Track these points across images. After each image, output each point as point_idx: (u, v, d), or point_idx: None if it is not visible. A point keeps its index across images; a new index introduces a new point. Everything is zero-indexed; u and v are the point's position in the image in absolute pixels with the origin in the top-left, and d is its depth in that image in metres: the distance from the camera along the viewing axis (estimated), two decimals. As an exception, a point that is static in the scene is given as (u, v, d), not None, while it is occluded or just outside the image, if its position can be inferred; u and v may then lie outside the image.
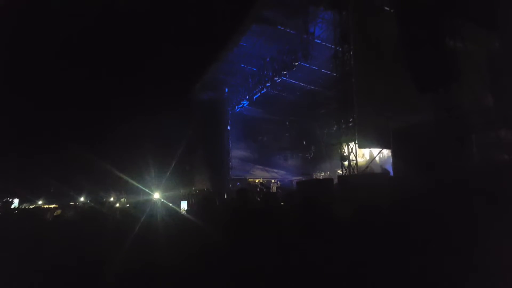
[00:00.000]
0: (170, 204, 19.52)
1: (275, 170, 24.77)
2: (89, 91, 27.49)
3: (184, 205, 20.07)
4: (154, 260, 6.15)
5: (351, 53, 13.19)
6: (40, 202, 27.31)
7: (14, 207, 23.27)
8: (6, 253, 6.98)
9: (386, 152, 14.44)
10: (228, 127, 23.33)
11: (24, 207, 24.69)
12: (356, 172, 13.16)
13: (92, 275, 5.63)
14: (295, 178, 21.82)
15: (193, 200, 19.65)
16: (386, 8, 12.75)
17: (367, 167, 13.89)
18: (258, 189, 20.12)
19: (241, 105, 23.38)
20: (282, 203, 12.01)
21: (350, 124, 13.31)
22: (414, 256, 4.52)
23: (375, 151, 14.72)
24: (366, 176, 12.75)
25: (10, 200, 23.76)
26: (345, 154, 13.37)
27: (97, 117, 28.21)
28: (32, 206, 25.59)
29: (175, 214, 16.04)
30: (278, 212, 9.64)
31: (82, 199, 26.70)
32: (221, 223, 9.02)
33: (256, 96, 21.82)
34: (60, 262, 6.24)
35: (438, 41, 9.00)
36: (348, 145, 13.36)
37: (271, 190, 21.25)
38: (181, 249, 6.74)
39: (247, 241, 6.42)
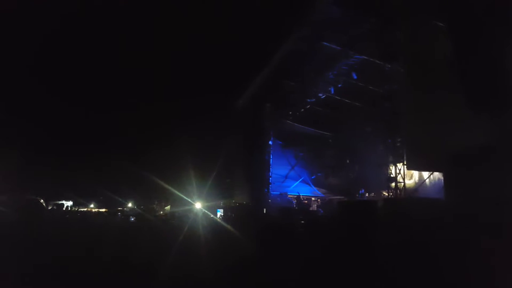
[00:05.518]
0: (212, 215, 20.38)
1: (316, 188, 24.21)
2: (133, 109, 29.46)
3: (220, 212, 21.22)
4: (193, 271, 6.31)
5: (400, 70, 12.72)
6: (91, 206, 30.06)
7: (67, 209, 25.59)
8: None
9: (437, 175, 13.52)
10: (270, 142, 23.32)
11: (77, 209, 26.96)
12: (403, 194, 12.46)
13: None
14: (337, 197, 21.14)
15: (233, 214, 20.01)
16: (437, 22, 12.16)
17: (415, 190, 13.12)
18: (297, 207, 19.84)
19: (283, 121, 23.36)
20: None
21: (398, 144, 12.71)
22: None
23: (425, 173, 13.84)
24: (415, 200, 11.97)
25: (61, 202, 26.10)
26: (392, 175, 12.74)
27: (144, 131, 29.88)
28: (84, 209, 28.00)
29: (214, 224, 16.59)
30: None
31: (130, 205, 28.62)
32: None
33: (299, 112, 21.70)
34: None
35: (494, 57, 8.33)
36: (395, 166, 12.74)
37: (310, 209, 20.83)
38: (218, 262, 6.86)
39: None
